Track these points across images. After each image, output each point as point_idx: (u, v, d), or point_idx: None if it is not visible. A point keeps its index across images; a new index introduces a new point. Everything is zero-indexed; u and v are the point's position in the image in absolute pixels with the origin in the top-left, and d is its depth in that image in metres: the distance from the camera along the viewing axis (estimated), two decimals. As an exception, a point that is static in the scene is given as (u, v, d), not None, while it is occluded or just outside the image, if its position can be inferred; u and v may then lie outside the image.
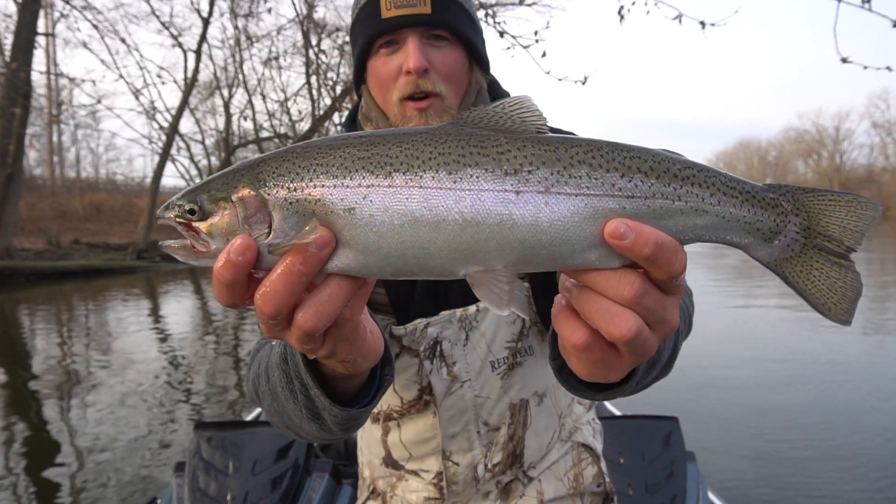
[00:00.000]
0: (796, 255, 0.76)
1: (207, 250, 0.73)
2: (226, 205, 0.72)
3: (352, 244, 0.69)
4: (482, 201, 0.68)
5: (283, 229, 0.70)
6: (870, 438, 5.59)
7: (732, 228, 0.73)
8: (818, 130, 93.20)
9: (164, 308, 15.93)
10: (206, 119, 37.22)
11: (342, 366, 0.86)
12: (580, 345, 0.72)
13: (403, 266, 0.70)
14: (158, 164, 29.89)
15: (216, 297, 0.72)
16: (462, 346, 1.42)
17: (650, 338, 0.70)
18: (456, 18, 1.39)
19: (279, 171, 0.71)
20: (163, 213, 0.76)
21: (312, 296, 0.71)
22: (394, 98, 1.38)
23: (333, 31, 21.66)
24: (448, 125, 0.74)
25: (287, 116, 23.83)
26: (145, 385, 8.04)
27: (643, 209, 0.69)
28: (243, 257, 0.68)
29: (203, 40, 28.63)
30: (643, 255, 0.66)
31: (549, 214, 0.68)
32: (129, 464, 5.53)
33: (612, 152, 0.70)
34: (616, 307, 0.68)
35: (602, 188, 0.69)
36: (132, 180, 44.68)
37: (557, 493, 1.53)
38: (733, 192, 0.73)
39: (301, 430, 1.11)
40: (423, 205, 0.68)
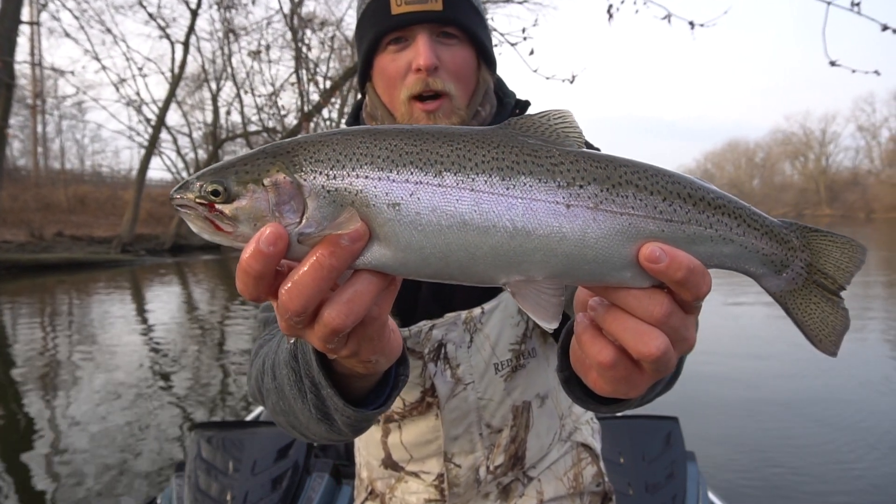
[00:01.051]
0: (798, 289, 0.79)
1: (232, 232, 0.69)
2: (256, 188, 0.68)
3: (392, 241, 0.66)
4: (534, 211, 0.67)
5: (316, 218, 0.67)
6: (870, 438, 5.65)
7: (751, 259, 0.76)
8: (805, 133, 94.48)
9: (150, 302, 15.77)
10: (193, 112, 36.92)
11: (363, 366, 0.83)
12: (607, 363, 0.72)
13: (444, 269, 0.68)
14: (144, 156, 29.57)
15: (239, 290, 0.67)
16: (466, 348, 1.41)
17: (673, 357, 0.71)
18: (466, 16, 1.37)
19: (318, 156, 0.68)
20: (179, 192, 0.71)
21: (340, 292, 0.68)
22: (402, 96, 1.36)
23: (319, 26, 21.47)
24: (497, 128, 0.72)
25: (276, 110, 23.65)
26: (132, 381, 8.00)
27: (679, 233, 0.71)
28: (274, 247, 0.64)
29: (191, 32, 28.36)
30: (675, 278, 0.67)
31: (596, 230, 0.68)
32: (112, 462, 5.49)
33: (656, 175, 0.71)
34: (645, 326, 0.69)
35: (645, 209, 0.69)
36: (118, 173, 44.21)
37: (557, 492, 1.53)
38: (756, 225, 0.75)
39: (308, 430, 1.08)
40: (473, 208, 0.66)
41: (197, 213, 0.70)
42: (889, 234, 42.83)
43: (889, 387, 7.33)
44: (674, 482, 2.85)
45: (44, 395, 7.65)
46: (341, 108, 35.92)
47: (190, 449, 2.89)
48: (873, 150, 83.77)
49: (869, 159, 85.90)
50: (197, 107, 36.66)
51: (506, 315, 1.42)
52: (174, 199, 0.72)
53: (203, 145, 36.09)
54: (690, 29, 5.20)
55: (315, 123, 28.87)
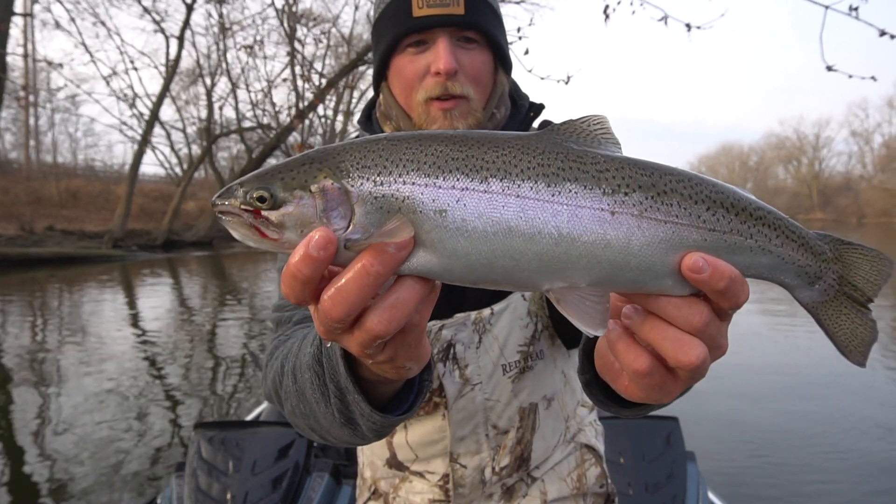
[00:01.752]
0: (830, 300, 0.80)
1: (279, 239, 0.69)
2: (303, 194, 0.67)
3: (437, 247, 0.66)
4: (579, 218, 0.67)
5: (363, 225, 0.66)
6: (869, 438, 5.68)
7: (787, 270, 0.77)
8: (799, 137, 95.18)
9: (142, 298, 15.67)
10: (187, 107, 36.75)
11: (395, 372, 0.82)
12: (643, 371, 0.72)
13: (488, 275, 0.68)
14: (137, 151, 29.37)
15: (284, 293, 0.67)
16: (475, 348, 1.41)
17: (709, 363, 0.71)
18: (487, 20, 1.36)
19: (364, 162, 0.68)
20: (223, 199, 0.70)
21: (384, 298, 0.67)
22: (419, 98, 1.36)
23: (313, 22, 21.39)
24: (542, 134, 0.72)
25: (272, 106, 23.58)
26: (124, 379, 7.95)
27: (720, 243, 0.71)
28: (324, 252, 0.63)
29: (186, 26, 28.16)
30: (717, 288, 0.67)
31: (640, 238, 0.68)
32: (105, 460, 5.47)
33: (700, 184, 0.72)
34: (684, 335, 0.69)
35: (689, 218, 0.70)
36: (111, 167, 43.92)
37: (561, 493, 1.53)
38: (793, 237, 0.76)
39: (329, 433, 1.07)
40: (519, 215, 0.66)
41: (241, 221, 0.70)
42: (880, 238, 43.21)
43: (889, 388, 7.39)
44: (674, 482, 2.86)
45: (35, 392, 7.58)
46: (336, 106, 35.83)
47: (190, 449, 2.88)
48: (866, 155, 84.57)
49: (862, 164, 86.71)
50: (191, 102, 36.52)
51: (515, 316, 1.42)
52: (216, 206, 0.71)
53: (197, 140, 35.92)
54: (687, 31, 5.20)
55: (310, 121, 28.80)
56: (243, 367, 8.78)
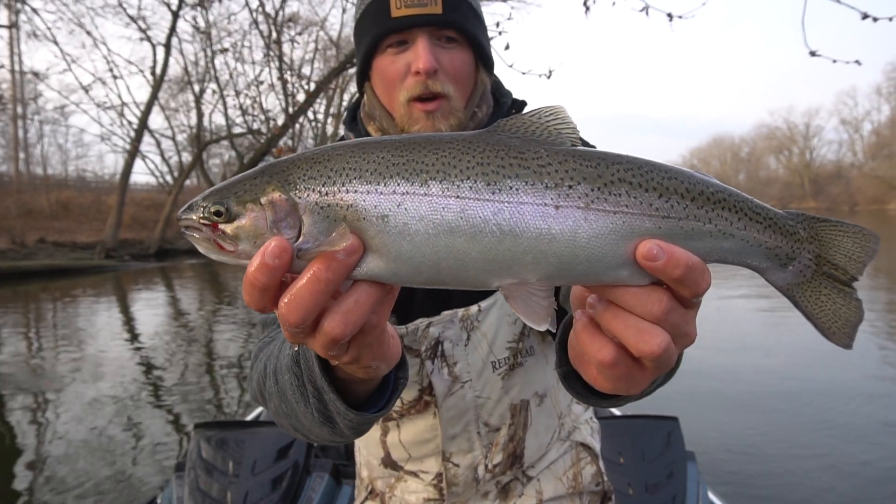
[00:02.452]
0: (807, 281, 0.78)
1: (234, 250, 0.72)
2: (254, 207, 0.70)
3: (383, 252, 0.68)
4: (521, 214, 0.67)
5: (312, 234, 0.69)
6: (870, 437, 5.65)
7: (754, 253, 0.75)
8: (789, 127, 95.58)
9: (136, 308, 15.58)
10: (176, 115, 36.59)
11: (363, 371, 0.85)
12: (607, 361, 0.71)
13: (436, 276, 0.69)
14: (127, 160, 29.24)
15: (246, 302, 0.70)
16: (463, 346, 1.41)
17: (674, 353, 0.70)
18: (465, 19, 1.37)
19: (310, 173, 0.70)
20: (185, 214, 0.74)
21: (339, 303, 0.70)
22: (401, 98, 1.36)
23: (297, 27, 21.29)
24: (484, 132, 0.72)
25: (261, 112, 23.50)
26: (121, 387, 7.90)
27: (676, 230, 0.70)
28: (279, 260, 0.66)
29: (172, 34, 28.06)
30: (673, 276, 0.67)
31: (587, 230, 0.67)
32: (103, 467, 5.44)
33: (651, 172, 0.71)
34: (645, 324, 0.68)
35: (640, 207, 0.69)
36: (102, 177, 43.67)
37: (556, 492, 1.53)
38: (758, 218, 0.74)
39: (311, 432, 1.10)
40: (459, 215, 0.67)
41: (202, 235, 0.73)
42: (872, 226, 43.14)
43: (889, 383, 7.35)
44: (674, 482, 2.85)
45: (32, 400, 7.55)
46: (327, 110, 35.75)
47: (190, 449, 2.88)
48: (856, 143, 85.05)
49: (852, 152, 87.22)
50: (180, 109, 36.36)
51: (503, 313, 1.42)
52: (181, 220, 0.75)
53: (187, 148, 35.79)
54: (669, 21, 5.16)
55: (300, 125, 28.72)
56: (241, 370, 8.77)
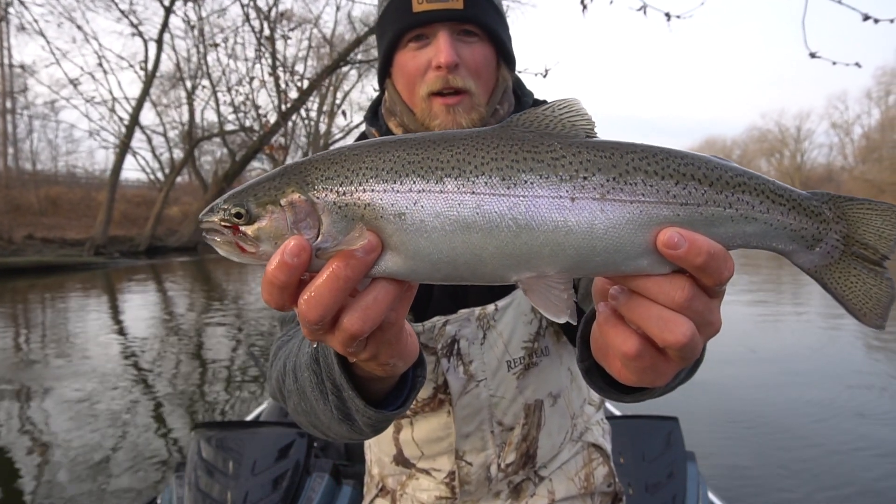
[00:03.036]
0: (835, 262, 0.77)
1: (255, 251, 0.73)
2: (274, 208, 0.71)
3: (401, 249, 0.69)
4: (537, 207, 0.67)
5: (331, 233, 0.70)
6: (870, 437, 5.66)
7: (779, 236, 0.74)
8: (780, 130, 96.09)
9: (126, 305, 15.47)
10: (168, 111, 36.35)
11: (381, 369, 0.85)
12: (632, 353, 0.71)
13: (454, 272, 0.70)
14: (118, 156, 29.06)
15: (265, 300, 0.71)
16: (479, 344, 1.41)
17: (699, 342, 0.69)
18: (486, 14, 1.37)
19: (328, 174, 0.71)
20: (206, 217, 0.75)
21: (358, 300, 0.71)
22: (421, 93, 1.37)
23: (290, 24, 21.17)
24: (498, 128, 0.73)
25: (254, 110, 23.35)
26: (111, 386, 7.86)
27: (696, 216, 0.69)
28: (298, 259, 0.67)
29: (164, 29, 27.88)
30: (695, 263, 0.66)
31: (604, 221, 0.67)
32: (94, 467, 5.41)
33: (667, 159, 0.70)
34: (669, 313, 0.68)
35: (657, 195, 0.69)
36: (92, 173, 43.25)
37: (569, 492, 1.53)
38: (781, 200, 0.73)
39: (329, 430, 1.10)
40: (475, 211, 0.67)
41: (223, 238, 0.74)
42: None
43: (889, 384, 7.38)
44: (674, 482, 2.85)
45: (26, 400, 7.48)
46: (320, 107, 35.65)
47: (190, 449, 2.86)
48: (846, 146, 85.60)
49: (842, 156, 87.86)
50: (172, 106, 36.11)
51: (519, 312, 1.42)
52: (202, 223, 0.76)
53: (179, 145, 35.57)
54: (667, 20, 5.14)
55: (293, 123, 28.61)
56: (230, 369, 8.74)
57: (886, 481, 4.87)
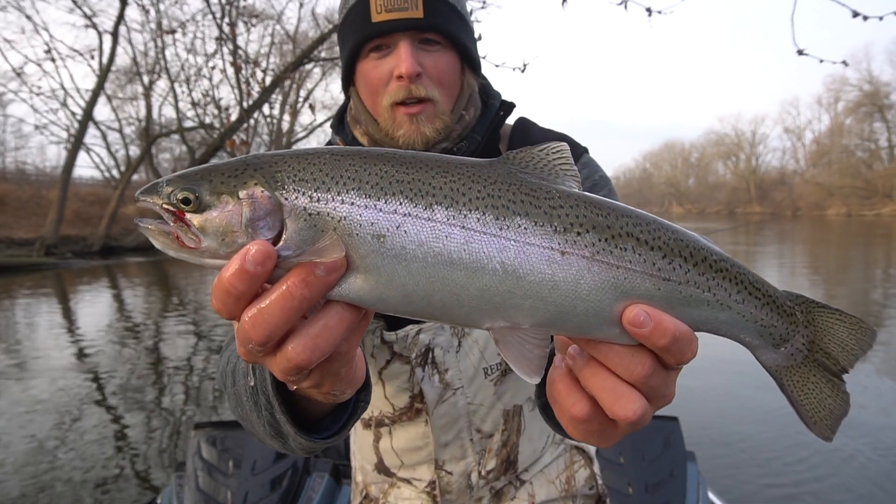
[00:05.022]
0: (797, 366, 0.75)
1: (196, 247, 0.65)
2: (230, 200, 0.63)
3: (372, 274, 0.62)
4: (527, 255, 0.63)
5: (295, 241, 0.62)
6: (870, 437, 5.72)
7: (748, 328, 0.72)
8: (737, 134, 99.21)
9: (79, 308, 14.87)
10: (124, 107, 35.26)
11: (323, 397, 0.79)
12: (580, 417, 0.70)
13: (425, 308, 0.64)
14: (70, 152, 27.99)
15: (216, 308, 0.63)
16: (454, 352, 1.39)
17: (649, 414, 0.69)
18: (448, 21, 1.34)
19: (302, 174, 0.64)
20: (145, 195, 0.67)
21: (308, 325, 0.63)
22: (384, 103, 1.34)
23: (253, 19, 20.78)
24: (496, 162, 0.69)
25: (214, 106, 22.86)
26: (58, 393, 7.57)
27: (675, 294, 0.67)
28: (262, 267, 0.59)
29: (120, 21, 27.00)
30: (658, 344, 0.64)
31: (589, 282, 0.64)
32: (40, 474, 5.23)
33: (659, 230, 0.68)
34: (623, 387, 0.66)
35: (643, 265, 0.66)
36: (43, 170, 41.59)
37: (549, 495, 1.52)
38: (757, 294, 0.71)
39: (264, 440, 1.06)
40: (463, 247, 0.62)
41: (160, 226, 0.66)
42: (813, 230, 45.50)
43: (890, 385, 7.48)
44: (674, 482, 2.88)
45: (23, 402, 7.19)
46: (282, 105, 35.12)
47: (190, 449, 2.83)
48: (798, 151, 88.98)
49: (795, 160, 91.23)
50: (127, 100, 35.01)
51: None
52: (139, 202, 0.68)
53: (136, 142, 34.54)
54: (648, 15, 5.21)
55: (255, 120, 28.10)
56: (190, 372, 8.55)
57: (887, 481, 4.91)
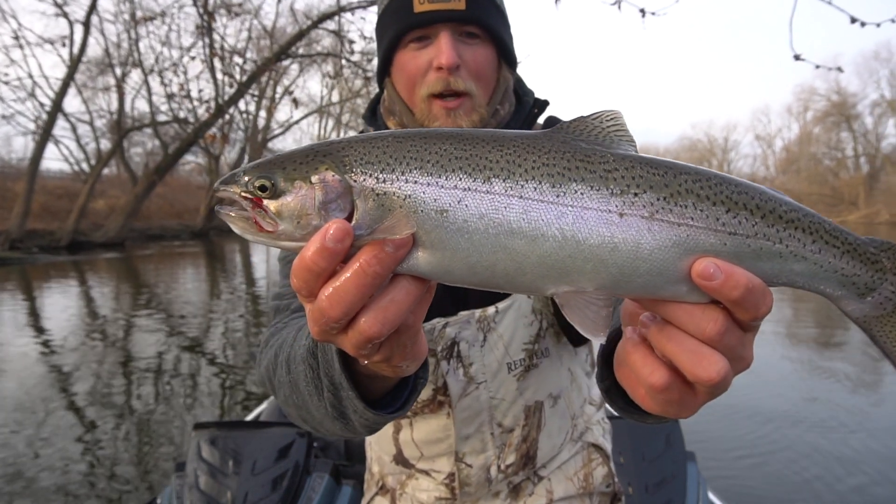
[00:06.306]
0: (887, 315, 0.73)
1: (274, 230, 0.68)
2: (303, 185, 0.67)
3: (437, 248, 0.65)
4: (585, 220, 0.64)
5: (365, 221, 0.65)
6: (869, 438, 5.77)
7: (828, 279, 0.70)
8: (709, 140, 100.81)
9: (45, 305, 14.48)
10: (95, 99, 34.43)
11: (391, 370, 0.81)
12: (659, 385, 0.69)
13: (490, 278, 0.66)
14: (38, 144, 27.32)
15: (296, 287, 0.66)
16: (479, 347, 1.40)
17: (730, 377, 0.67)
18: (488, 14, 1.36)
19: (368, 157, 0.67)
20: (224, 185, 0.70)
21: (378, 299, 0.66)
22: (421, 94, 1.35)
23: (233, 12, 20.47)
24: (550, 132, 0.70)
25: (188, 100, 22.44)
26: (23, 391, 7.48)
27: (743, 248, 0.66)
28: (341, 244, 0.62)
29: (92, 11, 26.37)
30: (731, 297, 0.63)
31: (650, 242, 0.65)
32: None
33: (721, 185, 0.67)
34: (703, 348, 0.65)
35: (706, 221, 0.66)
36: (9, 162, 40.31)
37: (567, 492, 1.53)
38: (835, 242, 0.70)
39: (321, 425, 1.07)
40: (521, 216, 0.64)
41: (240, 213, 0.70)
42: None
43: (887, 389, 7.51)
44: (674, 482, 2.89)
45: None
46: (259, 101, 34.72)
47: (190, 449, 2.81)
48: (769, 157, 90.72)
49: (765, 167, 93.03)
50: (98, 91, 34.18)
51: (519, 314, 1.42)
52: (218, 191, 0.71)
53: (107, 135, 33.77)
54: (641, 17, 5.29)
55: (230, 115, 27.71)
56: (160, 371, 8.44)
57: (886, 481, 4.95)
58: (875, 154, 57.86)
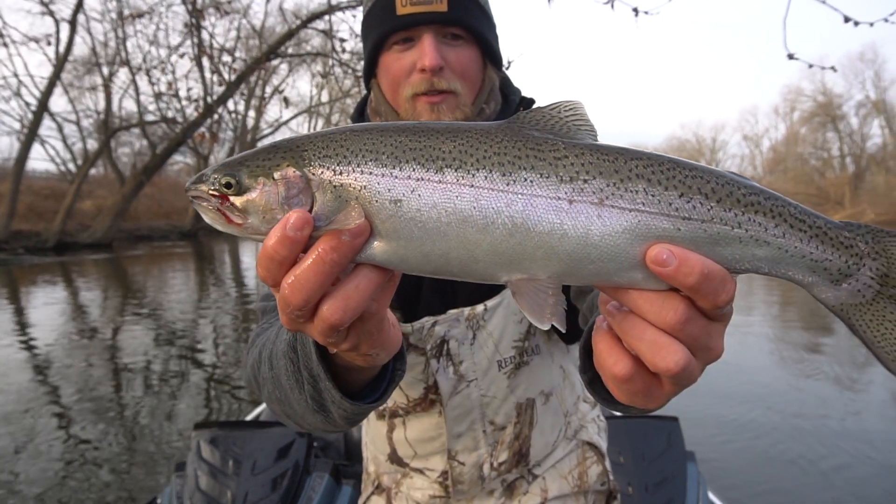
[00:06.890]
0: (867, 303, 0.70)
1: (242, 223, 0.72)
2: (266, 181, 0.70)
3: (392, 237, 0.67)
4: (534, 207, 0.65)
5: (323, 212, 0.68)
6: (869, 437, 5.77)
7: (795, 264, 0.68)
8: (698, 140, 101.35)
9: (31, 307, 14.34)
10: (82, 98, 34.08)
11: (362, 359, 0.84)
12: (622, 376, 0.68)
13: (444, 266, 0.68)
14: (24, 144, 27.06)
15: (261, 276, 0.69)
16: (469, 345, 1.41)
17: (695, 368, 0.66)
18: (472, 16, 1.37)
19: (325, 151, 0.69)
20: (194, 185, 0.74)
21: (339, 287, 0.69)
22: (405, 94, 1.36)
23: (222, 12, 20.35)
24: (504, 123, 0.71)
25: (176, 100, 22.28)
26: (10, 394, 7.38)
27: (699, 233, 0.65)
28: (301, 233, 0.65)
29: (79, 10, 26.12)
30: (686, 284, 0.62)
31: (600, 228, 0.64)
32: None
33: (673, 169, 0.66)
34: (663, 337, 0.64)
35: (658, 206, 0.65)
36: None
37: (561, 490, 1.53)
38: (801, 226, 0.68)
39: (303, 420, 1.08)
40: (472, 205, 0.66)
41: (210, 207, 0.73)
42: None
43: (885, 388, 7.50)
44: (674, 482, 2.89)
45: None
46: (248, 100, 34.55)
47: (190, 449, 2.80)
48: (756, 158, 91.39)
49: (753, 167, 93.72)
50: (87, 91, 33.84)
51: (509, 312, 1.43)
52: (189, 190, 0.74)
53: (94, 135, 33.44)
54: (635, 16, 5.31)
55: (219, 115, 27.55)
56: (149, 370, 8.39)
57: (885, 481, 4.96)
58: (860, 154, 58.49)
